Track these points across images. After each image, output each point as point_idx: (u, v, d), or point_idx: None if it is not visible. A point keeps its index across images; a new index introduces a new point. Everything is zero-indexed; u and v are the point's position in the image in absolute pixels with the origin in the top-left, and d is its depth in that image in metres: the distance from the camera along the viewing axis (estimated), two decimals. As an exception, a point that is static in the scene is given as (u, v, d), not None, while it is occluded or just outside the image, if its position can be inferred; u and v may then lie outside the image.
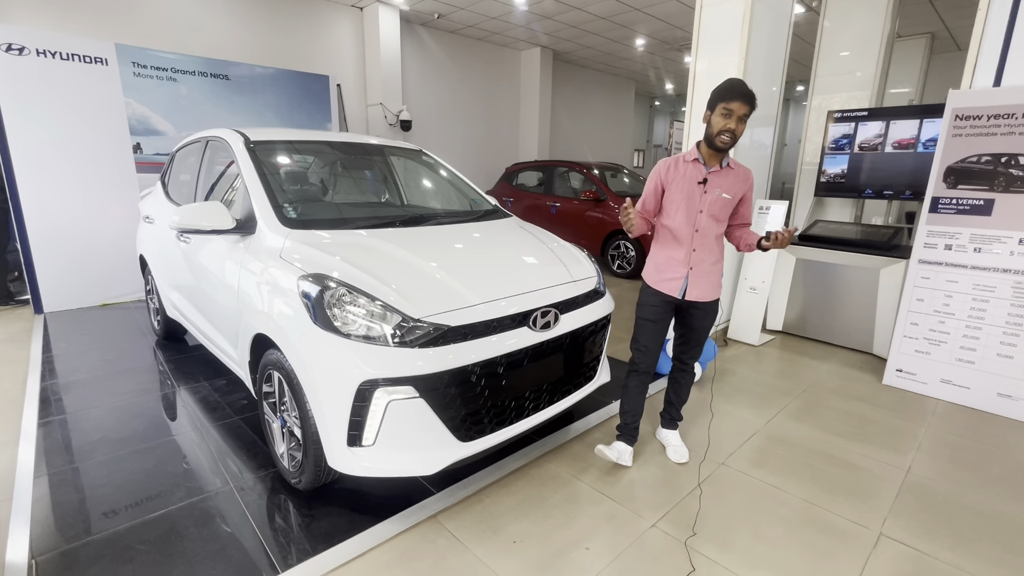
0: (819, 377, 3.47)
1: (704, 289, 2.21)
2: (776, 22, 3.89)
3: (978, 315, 3.07)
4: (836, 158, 4.67)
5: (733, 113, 1.99)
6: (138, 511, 1.99)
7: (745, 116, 2.00)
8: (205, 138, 3.14)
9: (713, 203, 2.13)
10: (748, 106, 1.99)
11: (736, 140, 2.03)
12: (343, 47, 7.23)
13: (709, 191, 2.13)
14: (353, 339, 1.76)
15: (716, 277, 2.24)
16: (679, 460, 2.40)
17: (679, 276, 2.20)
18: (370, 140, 3.30)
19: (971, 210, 3.05)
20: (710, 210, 2.14)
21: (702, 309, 2.25)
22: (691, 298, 2.20)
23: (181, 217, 2.34)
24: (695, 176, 2.14)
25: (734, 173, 2.16)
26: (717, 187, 2.13)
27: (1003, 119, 2.92)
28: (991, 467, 2.45)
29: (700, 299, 2.22)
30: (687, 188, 2.15)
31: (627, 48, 9.25)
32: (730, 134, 2.01)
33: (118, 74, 4.72)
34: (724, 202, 2.14)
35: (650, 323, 2.27)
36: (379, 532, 1.89)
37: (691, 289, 2.20)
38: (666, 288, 2.22)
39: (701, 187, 2.13)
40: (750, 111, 2.00)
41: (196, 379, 3.25)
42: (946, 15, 6.84)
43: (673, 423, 2.54)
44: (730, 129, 2.00)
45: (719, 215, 2.16)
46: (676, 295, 2.21)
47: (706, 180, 2.12)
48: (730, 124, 1.99)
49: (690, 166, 2.17)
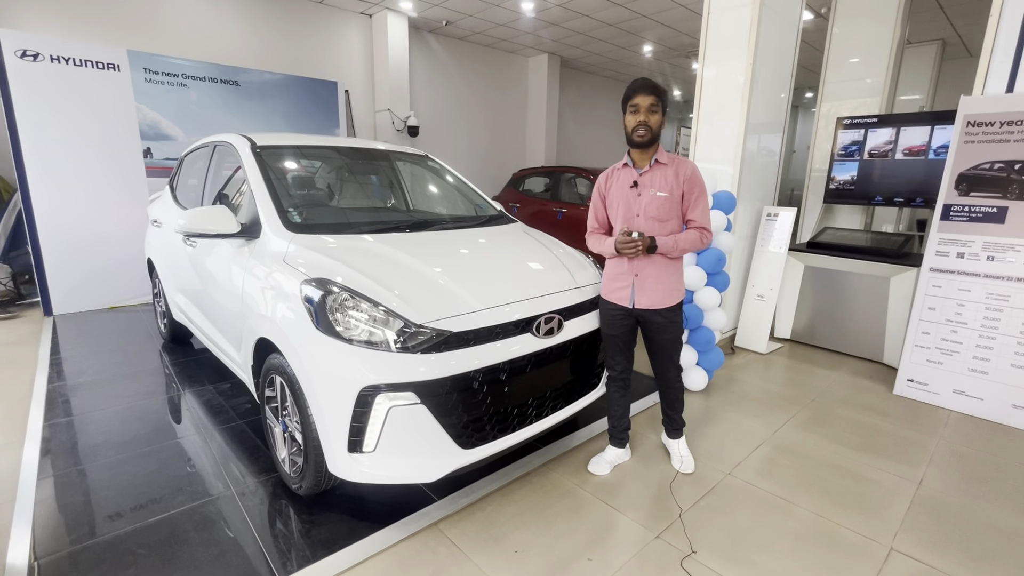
0: (828, 386, 3.42)
1: (654, 296, 2.12)
2: (784, 28, 3.86)
3: (992, 324, 3.01)
4: (845, 165, 4.63)
5: (640, 107, 1.98)
6: (140, 515, 1.99)
7: (653, 106, 1.98)
8: (213, 143, 3.16)
9: (649, 204, 2.07)
10: (651, 95, 1.97)
11: (653, 133, 2.00)
12: (352, 54, 7.29)
13: (643, 192, 2.08)
14: (355, 344, 1.75)
15: (667, 282, 2.14)
16: (685, 470, 2.35)
17: (626, 284, 2.14)
18: (376, 145, 3.31)
19: (984, 218, 3.00)
20: (647, 212, 2.08)
21: (661, 317, 2.15)
22: (642, 306, 2.14)
23: (187, 221, 2.35)
24: (627, 180, 2.11)
25: (666, 169, 2.08)
26: (650, 187, 2.07)
27: (1016, 125, 2.88)
28: (1005, 480, 2.39)
29: (651, 307, 2.13)
30: (622, 194, 2.12)
31: (634, 55, 9.26)
32: (643, 127, 1.99)
33: (130, 80, 4.78)
34: (661, 201, 2.06)
35: (611, 336, 2.24)
36: (380, 539, 1.87)
37: (639, 296, 2.13)
38: (616, 298, 2.18)
39: (634, 190, 2.09)
40: (656, 100, 1.98)
41: (201, 382, 3.26)
42: (957, 21, 6.78)
43: (675, 431, 2.46)
44: (641, 122, 1.99)
45: (660, 215, 2.07)
46: (627, 304, 2.15)
47: (636, 183, 2.09)
48: (640, 117, 1.99)
49: (622, 171, 2.15)
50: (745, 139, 3.70)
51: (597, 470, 2.34)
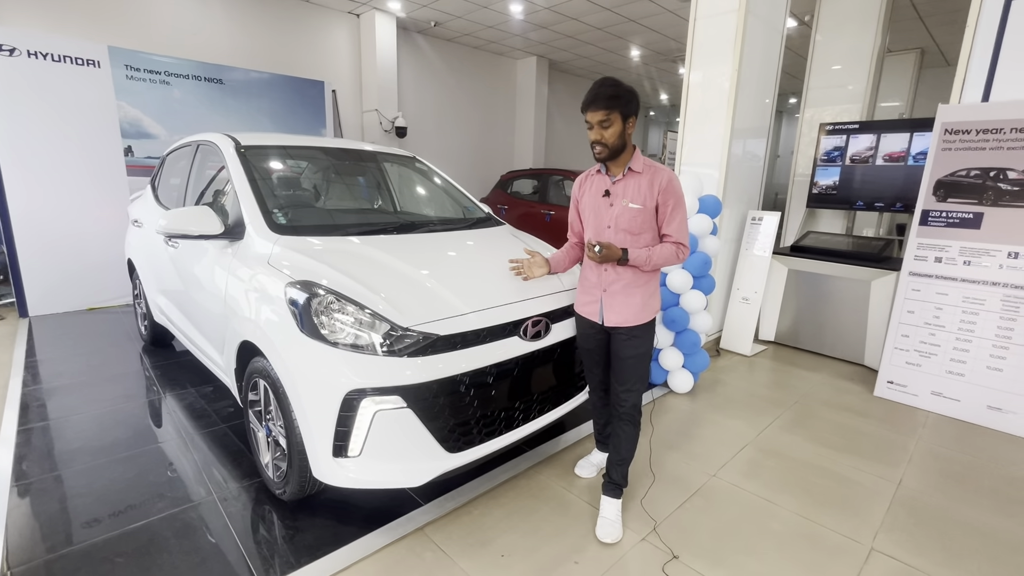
0: (811, 388, 3.47)
1: (623, 313, 1.93)
2: (769, 35, 3.92)
3: (968, 328, 3.08)
4: (828, 170, 4.71)
5: (592, 123, 1.81)
6: (118, 522, 1.94)
7: (604, 122, 1.78)
8: (196, 142, 3.11)
9: (620, 215, 1.88)
10: (600, 110, 1.77)
11: (609, 148, 1.82)
12: (339, 53, 7.23)
13: (615, 202, 1.90)
14: (340, 348, 1.74)
15: (638, 299, 1.93)
16: (607, 540, 1.92)
17: (594, 299, 1.98)
18: (363, 146, 3.29)
19: (961, 223, 3.08)
20: (619, 224, 1.89)
21: (624, 335, 1.95)
22: (610, 323, 1.95)
23: (168, 221, 2.31)
24: (600, 188, 1.95)
25: (640, 178, 1.88)
26: (622, 196, 1.89)
27: (991, 134, 2.95)
28: (981, 480, 2.45)
29: (620, 324, 1.94)
30: (594, 203, 1.96)
31: (622, 58, 9.32)
32: (598, 145, 1.83)
33: (110, 77, 4.69)
34: (633, 212, 1.87)
35: (586, 351, 2.12)
36: (365, 544, 1.85)
37: (607, 313, 1.95)
38: (586, 312, 2.03)
39: (606, 200, 1.92)
40: (607, 114, 1.77)
41: (182, 385, 3.20)
42: (935, 31, 6.95)
43: (613, 488, 2.04)
44: (594, 140, 1.83)
45: (631, 228, 1.88)
46: (597, 319, 1.99)
47: (608, 192, 1.91)
48: (592, 135, 1.82)
49: (595, 178, 1.98)
50: (731, 144, 3.75)
51: (583, 473, 2.35)
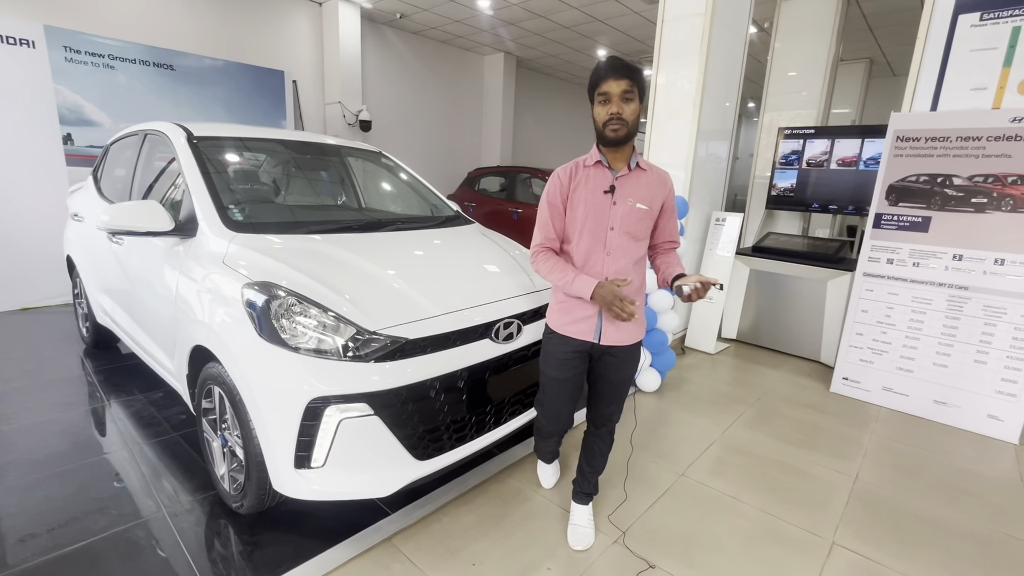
0: (771, 385, 3.57)
1: (627, 330, 1.71)
2: (733, 40, 4.00)
3: (916, 326, 3.23)
4: (786, 173, 4.86)
5: (610, 96, 1.54)
6: (55, 542, 1.79)
7: (627, 93, 1.53)
8: (143, 131, 2.91)
9: (626, 216, 1.65)
10: (625, 79, 1.52)
11: (629, 127, 1.56)
12: (300, 42, 6.96)
13: (619, 201, 1.64)
14: (302, 353, 1.65)
15: (640, 313, 1.72)
16: (577, 546, 1.88)
17: (590, 315, 1.69)
18: (326, 140, 3.16)
19: (911, 227, 3.22)
20: (623, 226, 1.65)
21: (619, 356, 1.74)
22: (609, 342, 1.70)
23: (111, 217, 2.14)
24: (600, 184, 1.65)
25: (648, 176, 1.67)
26: (628, 195, 1.64)
27: (939, 142, 3.10)
28: (930, 472, 2.57)
29: (619, 343, 1.71)
30: (592, 200, 1.65)
31: (589, 58, 9.38)
32: (617, 120, 1.55)
33: (47, 58, 4.35)
34: (640, 214, 1.66)
35: (557, 382, 1.80)
36: (329, 559, 1.77)
37: (608, 329, 1.69)
38: (576, 332, 1.71)
39: (609, 197, 1.64)
40: (631, 84, 1.52)
41: (129, 391, 3.00)
42: (883, 42, 7.30)
43: (584, 496, 1.98)
44: (615, 114, 1.54)
45: (635, 232, 1.67)
46: (590, 338, 1.70)
47: (613, 188, 1.64)
48: (612, 108, 1.55)
49: (592, 171, 1.67)
50: (696, 145, 3.81)
51: (547, 483, 2.27)
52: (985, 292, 2.99)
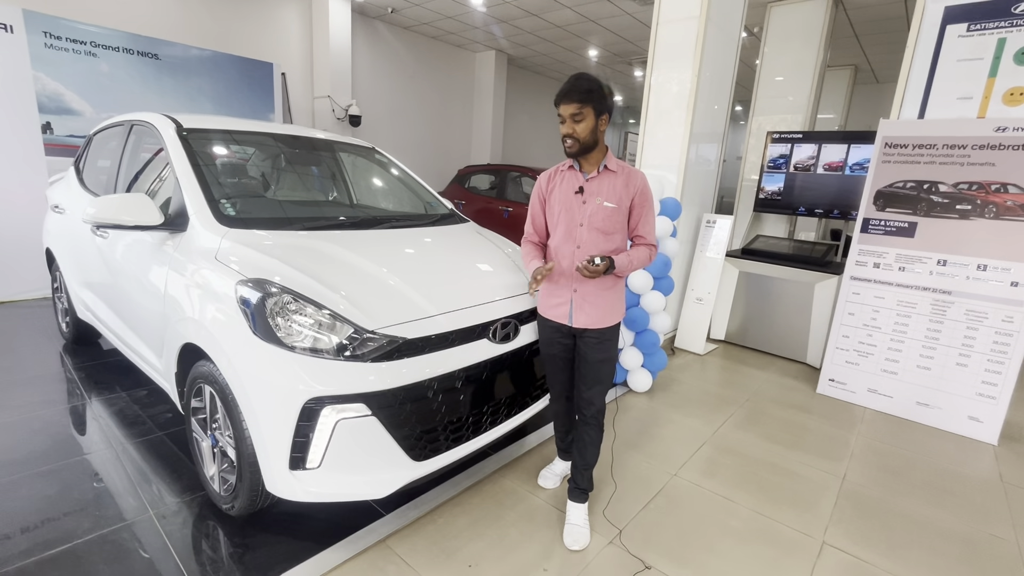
0: (760, 386, 3.62)
1: (593, 315, 1.91)
2: (726, 43, 4.04)
3: (901, 329, 3.30)
4: (774, 176, 4.92)
5: (563, 116, 1.79)
6: (36, 547, 1.73)
7: (576, 115, 1.76)
8: (129, 122, 2.83)
9: (594, 214, 1.86)
10: (573, 103, 1.75)
11: (580, 142, 1.79)
12: (289, 34, 6.85)
13: (588, 200, 1.86)
14: (298, 352, 1.62)
15: (609, 301, 1.92)
16: (574, 547, 1.90)
17: (564, 300, 1.93)
18: (318, 134, 3.11)
19: (897, 232, 3.29)
20: (592, 222, 1.86)
21: (595, 338, 1.93)
22: (580, 325, 1.92)
23: (98, 210, 2.08)
24: (572, 184, 1.90)
25: (615, 177, 1.87)
26: (596, 195, 1.86)
27: (926, 149, 3.17)
28: (914, 473, 2.63)
29: (590, 326, 1.91)
30: (565, 199, 1.90)
31: (580, 58, 9.39)
32: (569, 139, 1.80)
33: (26, 44, 4.21)
34: (608, 212, 1.85)
35: (551, 356, 2.04)
36: (322, 561, 1.74)
37: (577, 314, 1.91)
38: (554, 315, 1.96)
39: (579, 196, 1.87)
40: (579, 107, 1.75)
41: (111, 389, 2.92)
42: (869, 50, 7.43)
43: (579, 493, 2.03)
44: (567, 134, 1.80)
45: (604, 227, 1.87)
46: (565, 321, 1.94)
47: (582, 189, 1.87)
48: (565, 129, 1.80)
49: (567, 174, 1.93)
50: (689, 147, 3.84)
51: (547, 484, 2.28)
52: (968, 297, 3.07)
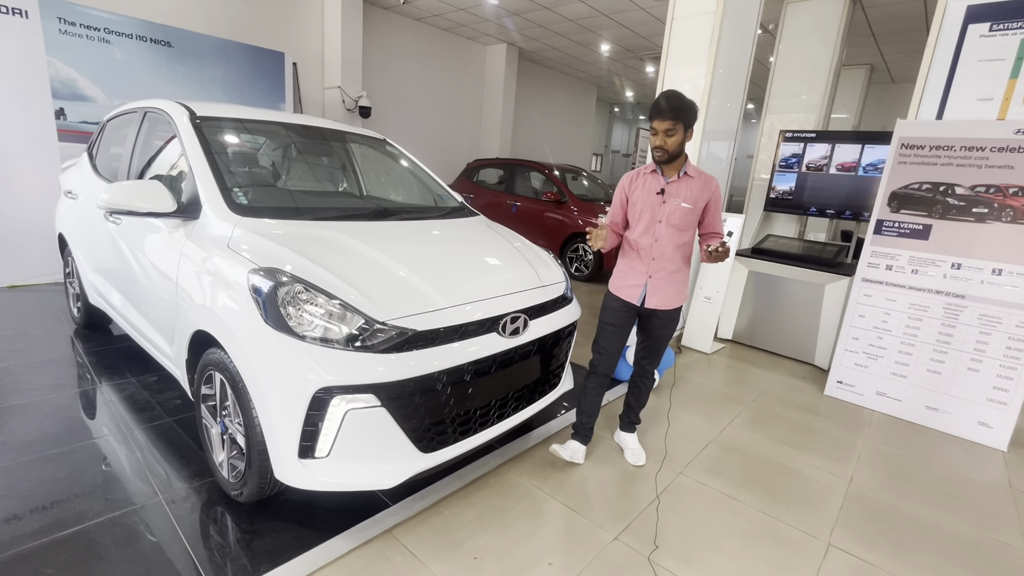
0: (767, 386, 3.60)
1: (663, 298, 2.25)
2: (741, 40, 3.99)
3: (912, 332, 3.27)
4: (785, 176, 4.88)
5: (657, 131, 2.07)
6: (48, 528, 1.75)
7: (669, 130, 2.04)
8: (143, 109, 2.84)
9: (672, 213, 2.18)
10: (668, 120, 2.03)
11: (669, 153, 2.08)
12: (301, 24, 6.84)
13: (668, 201, 2.18)
14: (309, 341, 1.62)
15: (677, 286, 2.27)
16: (636, 463, 2.46)
17: (638, 284, 2.26)
18: (330, 125, 3.10)
19: (911, 234, 3.25)
20: (669, 220, 2.18)
21: (661, 318, 2.30)
22: (650, 306, 2.25)
23: (112, 196, 2.09)
24: (654, 187, 2.20)
25: (693, 182, 2.18)
26: (675, 196, 2.17)
27: (943, 150, 3.12)
28: (922, 477, 2.61)
29: (659, 307, 2.26)
30: (647, 199, 2.21)
31: (592, 52, 9.32)
32: (659, 150, 2.09)
33: (40, 29, 4.23)
34: (684, 211, 2.17)
35: (611, 327, 2.33)
36: (329, 549, 1.75)
37: (650, 297, 2.25)
38: (626, 295, 2.29)
39: (659, 197, 2.19)
40: (673, 124, 2.04)
41: (122, 374, 2.95)
42: (885, 49, 7.33)
43: (631, 426, 2.59)
44: (657, 146, 2.09)
45: (680, 224, 2.19)
46: (635, 302, 2.26)
47: (663, 191, 2.18)
48: (656, 141, 2.09)
49: (649, 177, 2.23)
50: (701, 145, 3.80)
51: (563, 453, 2.35)
52: (982, 301, 3.03)
